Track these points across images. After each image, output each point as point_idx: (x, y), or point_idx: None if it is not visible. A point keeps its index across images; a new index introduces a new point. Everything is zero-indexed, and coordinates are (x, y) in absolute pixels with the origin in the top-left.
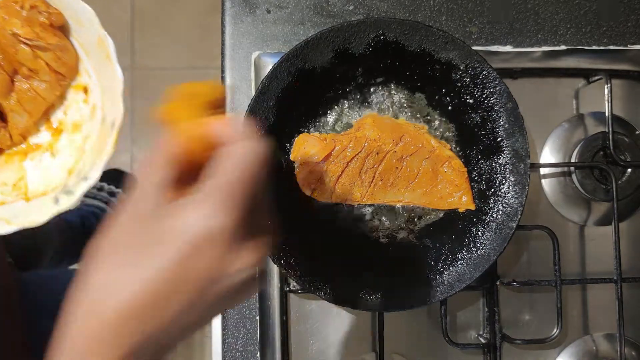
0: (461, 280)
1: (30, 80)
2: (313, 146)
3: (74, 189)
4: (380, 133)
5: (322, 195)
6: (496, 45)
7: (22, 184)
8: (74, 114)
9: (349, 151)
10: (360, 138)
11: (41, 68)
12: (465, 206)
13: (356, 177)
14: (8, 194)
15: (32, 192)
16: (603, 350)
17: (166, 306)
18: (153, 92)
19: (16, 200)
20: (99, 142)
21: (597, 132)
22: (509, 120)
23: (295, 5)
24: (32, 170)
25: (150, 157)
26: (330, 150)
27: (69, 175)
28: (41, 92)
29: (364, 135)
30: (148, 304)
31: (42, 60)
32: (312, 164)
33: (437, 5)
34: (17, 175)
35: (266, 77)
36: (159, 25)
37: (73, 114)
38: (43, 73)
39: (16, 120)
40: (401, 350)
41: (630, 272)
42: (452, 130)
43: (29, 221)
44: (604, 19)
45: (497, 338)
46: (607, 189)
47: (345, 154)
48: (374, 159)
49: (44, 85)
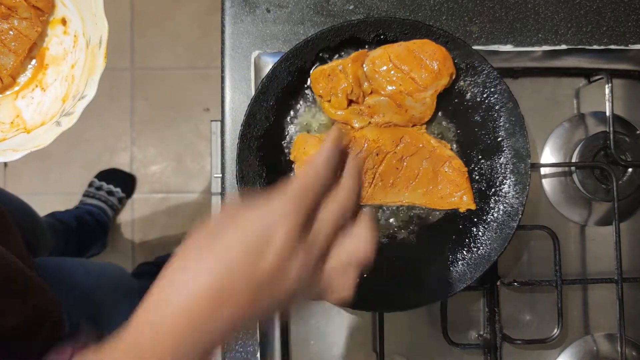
0: (461, 280)
1: (10, 19)
2: (313, 146)
3: (73, 109)
4: (380, 134)
5: None
6: (497, 45)
7: (19, 120)
8: (57, 47)
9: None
10: (359, 138)
11: (19, 5)
12: (466, 206)
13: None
14: (7, 130)
15: (30, 125)
16: (604, 351)
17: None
18: (153, 92)
19: (17, 135)
20: (89, 63)
21: (598, 131)
22: (509, 119)
23: (295, 4)
24: (26, 107)
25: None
26: None
27: (64, 103)
28: (23, 30)
29: (363, 135)
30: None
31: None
32: None
33: (437, 5)
34: (12, 113)
35: (266, 76)
36: (159, 25)
37: (55, 47)
38: (22, 10)
39: (3, 61)
40: (401, 350)
41: (631, 272)
42: (452, 130)
43: (35, 145)
44: (604, 18)
45: (498, 338)
46: (607, 188)
47: None
48: (373, 159)
49: (24, 23)
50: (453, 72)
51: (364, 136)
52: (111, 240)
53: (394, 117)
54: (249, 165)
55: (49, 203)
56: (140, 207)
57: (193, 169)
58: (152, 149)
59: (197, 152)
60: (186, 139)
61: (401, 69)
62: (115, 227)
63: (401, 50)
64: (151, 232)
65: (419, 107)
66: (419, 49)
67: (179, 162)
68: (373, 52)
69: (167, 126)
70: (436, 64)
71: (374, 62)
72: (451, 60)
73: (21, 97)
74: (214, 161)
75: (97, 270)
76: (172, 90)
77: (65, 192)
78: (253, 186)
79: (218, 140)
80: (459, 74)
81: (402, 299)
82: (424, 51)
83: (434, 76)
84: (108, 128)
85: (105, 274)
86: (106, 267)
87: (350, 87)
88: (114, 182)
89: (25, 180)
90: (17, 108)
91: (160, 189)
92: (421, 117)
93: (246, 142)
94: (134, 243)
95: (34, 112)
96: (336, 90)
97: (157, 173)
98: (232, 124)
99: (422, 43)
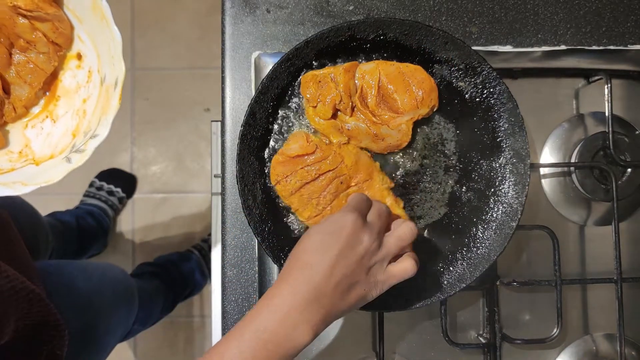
0: (461, 280)
1: (28, 52)
2: (296, 141)
3: (85, 147)
4: (355, 163)
5: (282, 191)
6: (496, 45)
7: (27, 150)
8: (70, 80)
9: (327, 163)
10: (338, 155)
11: (39, 40)
12: None
13: (316, 195)
14: (16, 160)
15: (39, 157)
16: (603, 350)
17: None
18: (153, 92)
19: (25, 166)
20: (102, 102)
21: (597, 132)
22: (509, 120)
23: (295, 5)
24: (35, 137)
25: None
26: (306, 153)
27: (74, 138)
28: (40, 63)
29: (341, 155)
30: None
31: (40, 32)
32: (287, 157)
33: (437, 5)
34: (21, 142)
35: (266, 77)
36: (159, 25)
37: (68, 79)
38: (41, 45)
39: (18, 92)
40: (401, 350)
41: (630, 272)
42: (451, 131)
43: (44, 180)
44: (603, 19)
45: (497, 338)
46: (607, 189)
47: (320, 166)
48: (336, 186)
49: (42, 57)
50: (435, 105)
51: (341, 156)
52: (111, 240)
53: (370, 145)
54: (249, 165)
55: (50, 203)
56: (140, 207)
57: (193, 169)
58: (152, 149)
59: (197, 152)
60: (186, 139)
61: (387, 87)
62: (115, 227)
63: (392, 70)
64: (151, 232)
65: (395, 135)
66: (410, 73)
67: (179, 162)
68: (365, 65)
69: (167, 126)
70: (421, 93)
71: (364, 76)
72: (436, 93)
73: (31, 127)
74: (214, 161)
75: (98, 273)
76: (173, 90)
77: (65, 192)
78: (253, 186)
79: (218, 140)
80: (458, 74)
81: (401, 299)
82: (414, 77)
83: (415, 104)
84: None
85: (106, 277)
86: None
87: (339, 97)
88: (115, 182)
89: None
90: (26, 137)
91: (160, 189)
92: (398, 144)
93: (246, 142)
94: (134, 243)
95: (43, 143)
96: (324, 98)
97: (158, 173)
98: (232, 124)
99: (415, 69)
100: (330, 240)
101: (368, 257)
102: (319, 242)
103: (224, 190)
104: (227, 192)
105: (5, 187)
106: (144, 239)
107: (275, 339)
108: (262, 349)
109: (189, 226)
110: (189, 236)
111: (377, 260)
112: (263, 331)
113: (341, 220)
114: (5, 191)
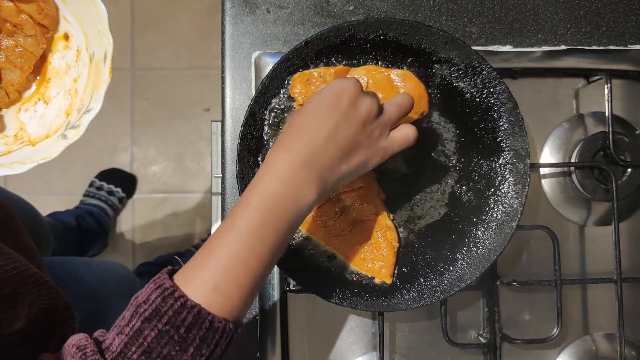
0: (461, 280)
1: (16, 36)
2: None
3: (79, 122)
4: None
5: None
6: (496, 45)
7: (23, 133)
8: (59, 61)
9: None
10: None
11: (25, 22)
12: (382, 278)
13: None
14: (12, 143)
15: (35, 138)
16: (603, 350)
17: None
18: (153, 92)
19: (21, 148)
20: (93, 78)
21: (597, 132)
22: (509, 120)
23: (295, 5)
24: (29, 120)
25: None
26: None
27: (68, 116)
28: (28, 46)
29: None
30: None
31: (26, 14)
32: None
33: (437, 5)
34: (15, 126)
35: (266, 77)
36: (159, 25)
37: (57, 61)
38: (28, 27)
39: (9, 77)
40: (401, 350)
41: (630, 272)
42: (451, 131)
43: (42, 157)
44: (603, 19)
45: (497, 338)
46: (607, 189)
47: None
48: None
49: (30, 40)
50: (425, 111)
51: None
52: (111, 240)
53: None
54: (249, 165)
55: (50, 203)
56: (140, 207)
57: (193, 169)
58: (152, 149)
59: (197, 152)
60: (186, 139)
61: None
62: (115, 227)
63: (382, 77)
64: (151, 232)
65: None
66: (400, 79)
67: (179, 162)
68: (355, 70)
69: (167, 126)
70: None
71: None
72: (426, 99)
73: (24, 111)
74: (214, 161)
75: (101, 268)
76: (173, 90)
77: (65, 192)
78: None
79: (218, 140)
80: (458, 74)
81: (401, 299)
82: (404, 83)
83: None
84: (108, 128)
85: (109, 272)
86: (110, 265)
87: None
88: (115, 182)
89: (26, 180)
90: (20, 121)
91: (160, 189)
92: None
93: (246, 142)
94: (134, 243)
95: (37, 125)
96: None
97: (158, 173)
98: (233, 124)
99: (405, 74)
100: (333, 102)
101: (370, 121)
102: (321, 104)
103: (224, 190)
104: (227, 192)
105: (3, 168)
106: (144, 239)
107: (281, 202)
108: (270, 214)
109: (189, 226)
110: (189, 236)
111: (379, 125)
112: (269, 196)
113: (342, 83)
114: (3, 171)
